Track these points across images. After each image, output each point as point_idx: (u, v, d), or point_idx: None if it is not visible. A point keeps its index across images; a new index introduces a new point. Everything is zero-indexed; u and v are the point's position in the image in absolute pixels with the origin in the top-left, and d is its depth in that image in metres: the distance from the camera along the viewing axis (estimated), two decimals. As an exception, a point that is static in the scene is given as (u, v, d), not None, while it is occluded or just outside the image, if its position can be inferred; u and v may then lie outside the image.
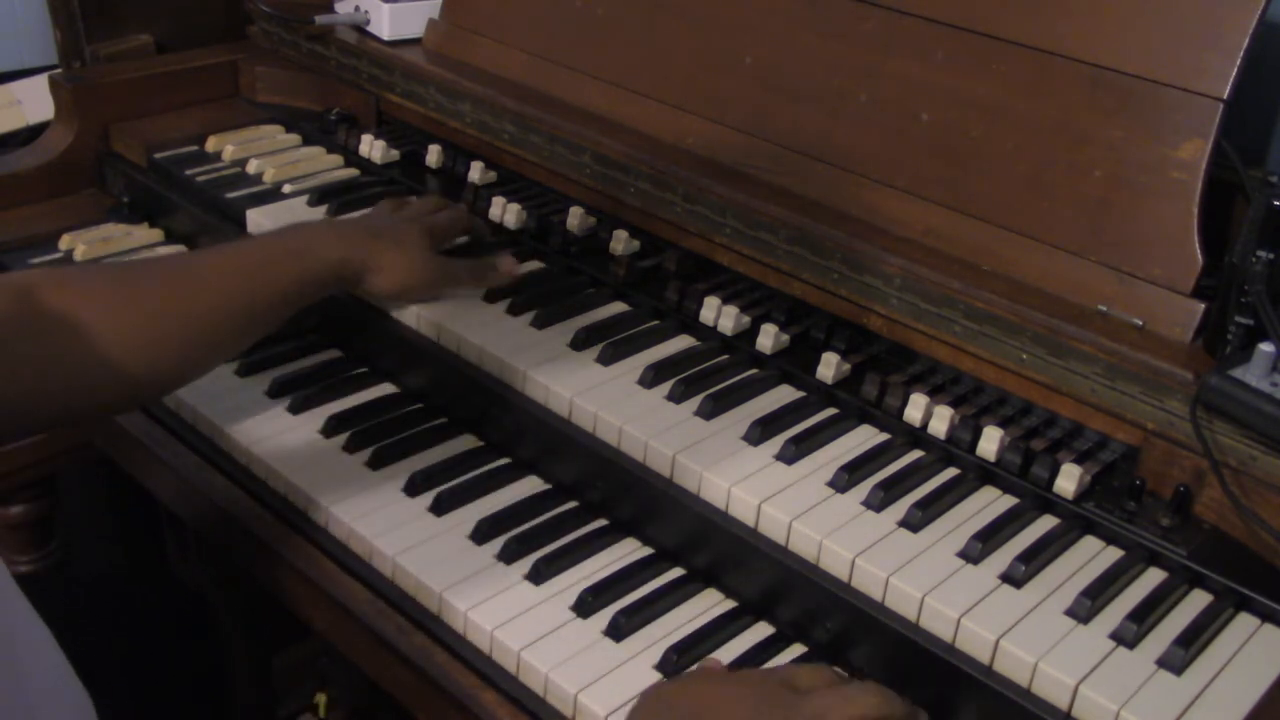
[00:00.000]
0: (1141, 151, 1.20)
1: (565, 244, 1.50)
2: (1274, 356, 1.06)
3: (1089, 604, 1.01)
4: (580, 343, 1.32)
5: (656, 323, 1.38)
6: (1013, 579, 1.05)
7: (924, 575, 1.04)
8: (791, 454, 1.17)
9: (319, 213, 1.57)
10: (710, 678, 0.99)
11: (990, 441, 1.17)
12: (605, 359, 1.30)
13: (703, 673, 1.01)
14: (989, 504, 1.14)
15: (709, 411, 1.22)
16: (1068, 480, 1.13)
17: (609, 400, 1.23)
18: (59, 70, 1.85)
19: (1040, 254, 1.24)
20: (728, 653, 1.08)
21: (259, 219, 1.56)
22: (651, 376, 1.27)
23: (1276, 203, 1.08)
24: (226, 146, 1.74)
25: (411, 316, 1.38)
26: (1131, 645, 0.99)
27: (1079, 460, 1.14)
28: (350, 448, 1.27)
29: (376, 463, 1.25)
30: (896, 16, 1.35)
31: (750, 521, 1.12)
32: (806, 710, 0.91)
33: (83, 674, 0.81)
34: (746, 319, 1.35)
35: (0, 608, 0.72)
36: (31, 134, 1.94)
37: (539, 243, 1.51)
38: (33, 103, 2.00)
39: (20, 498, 1.72)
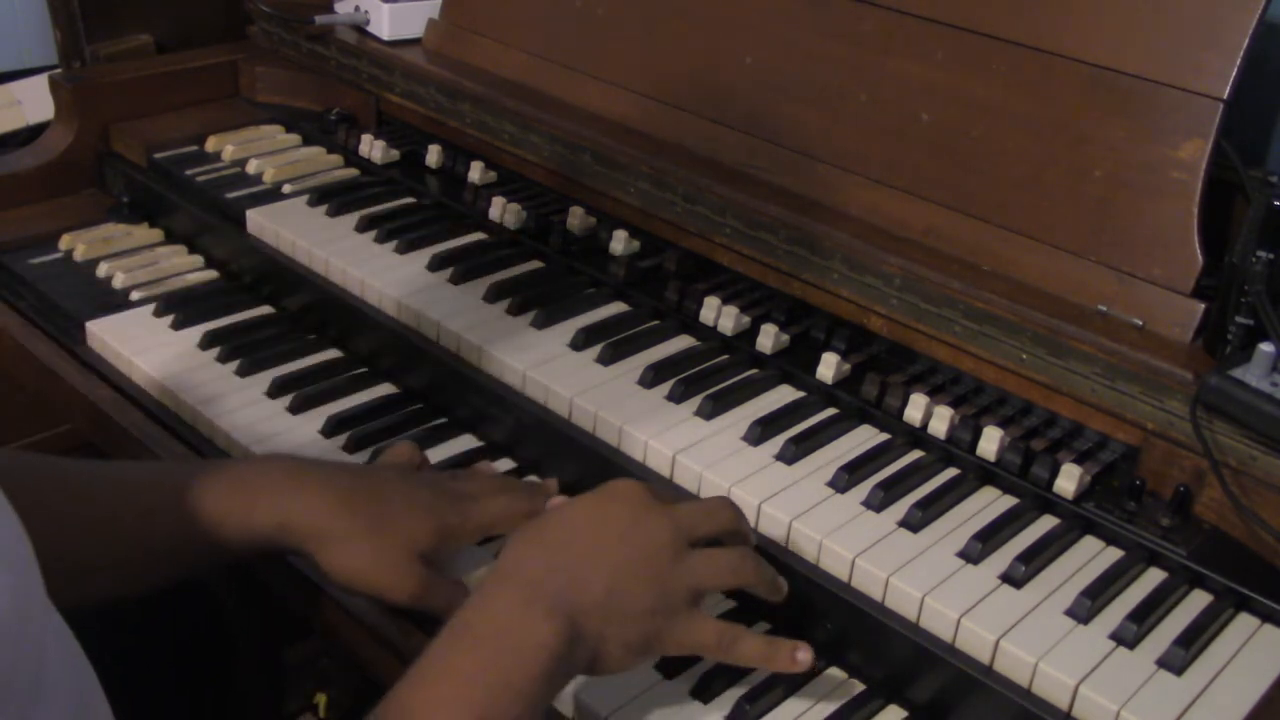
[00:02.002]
0: (1141, 151, 1.20)
1: (565, 244, 1.51)
2: (1274, 356, 1.06)
3: (1089, 604, 1.01)
4: (580, 343, 1.32)
5: (656, 323, 1.38)
6: (1013, 579, 1.05)
7: (924, 575, 1.04)
8: (791, 454, 1.17)
9: (319, 212, 1.57)
10: (588, 497, 1.00)
11: (990, 441, 1.17)
12: (605, 359, 1.30)
13: (583, 496, 1.01)
14: (989, 504, 1.14)
15: (709, 411, 1.22)
16: (1068, 480, 1.13)
17: (609, 400, 1.23)
18: (59, 70, 1.86)
19: (1040, 254, 1.24)
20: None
21: (259, 219, 1.56)
22: (651, 376, 1.27)
23: (1276, 203, 1.07)
24: (226, 146, 1.74)
25: (411, 316, 1.38)
26: (1131, 645, 0.99)
27: (1079, 460, 1.14)
28: (350, 448, 1.27)
29: (376, 463, 1.25)
30: (896, 16, 1.35)
31: (750, 521, 1.12)
32: (680, 519, 0.97)
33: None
34: (746, 319, 1.35)
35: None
36: (31, 134, 1.95)
37: (539, 243, 1.51)
38: (33, 103, 2.00)
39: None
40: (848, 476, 1.14)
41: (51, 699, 0.72)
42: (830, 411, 1.26)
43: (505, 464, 1.28)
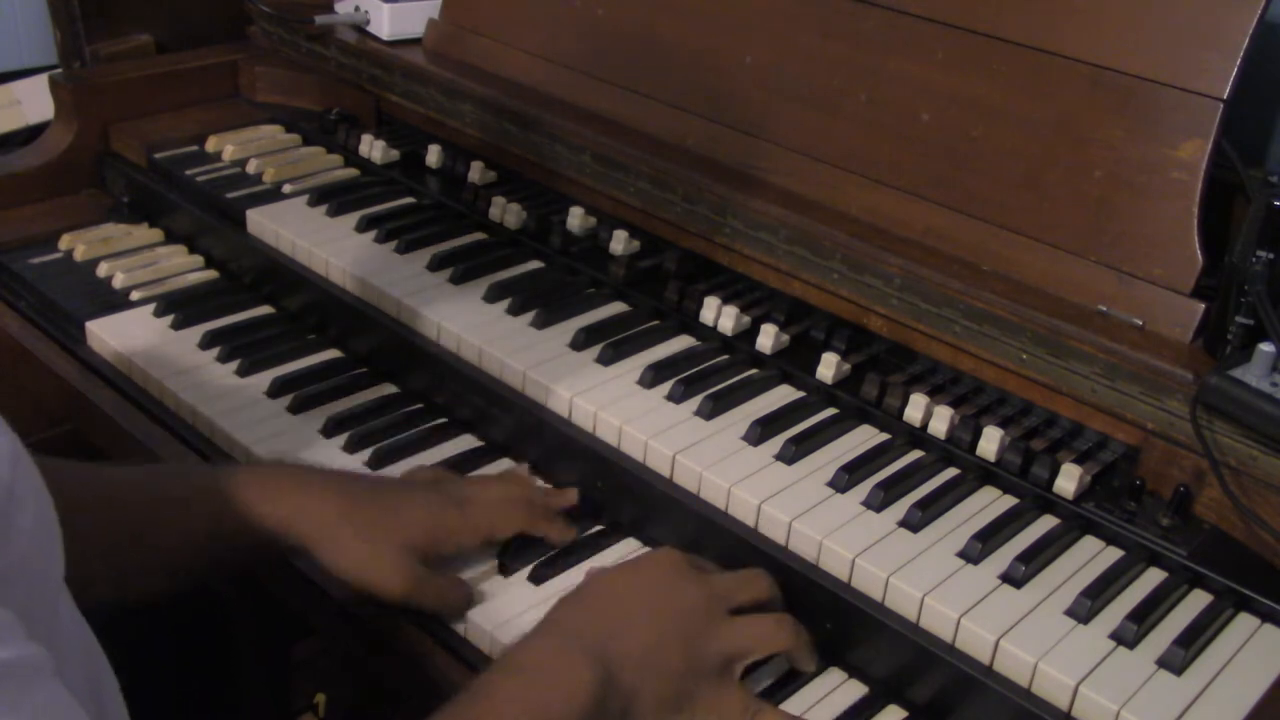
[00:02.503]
0: (1141, 151, 1.20)
1: (565, 244, 1.50)
2: (1274, 356, 1.06)
3: (1089, 604, 1.01)
4: (580, 343, 1.32)
5: (656, 323, 1.38)
6: (1013, 579, 1.05)
7: (924, 575, 1.04)
8: (791, 454, 1.17)
9: (319, 212, 1.57)
10: (631, 564, 1.05)
11: (990, 441, 1.17)
12: (605, 359, 1.30)
13: (626, 562, 1.07)
14: (989, 504, 1.14)
15: (709, 411, 1.22)
16: (1068, 480, 1.13)
17: (609, 400, 1.23)
18: (59, 70, 1.85)
19: (1040, 254, 1.24)
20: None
21: (259, 219, 1.56)
22: (651, 376, 1.27)
23: (1276, 203, 1.08)
24: (226, 146, 1.74)
25: (411, 317, 1.38)
26: (1131, 645, 0.99)
27: (1079, 460, 1.14)
28: (350, 448, 1.27)
29: (377, 463, 1.25)
30: (896, 16, 1.35)
31: (750, 521, 1.12)
32: (715, 587, 1.02)
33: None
34: (746, 319, 1.35)
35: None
36: (31, 134, 1.95)
37: (539, 243, 1.51)
38: (33, 103, 2.00)
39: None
40: (848, 476, 1.14)
41: (68, 659, 0.73)
42: (830, 411, 1.26)
43: (505, 464, 1.28)
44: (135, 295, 1.52)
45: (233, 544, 1.06)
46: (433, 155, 1.69)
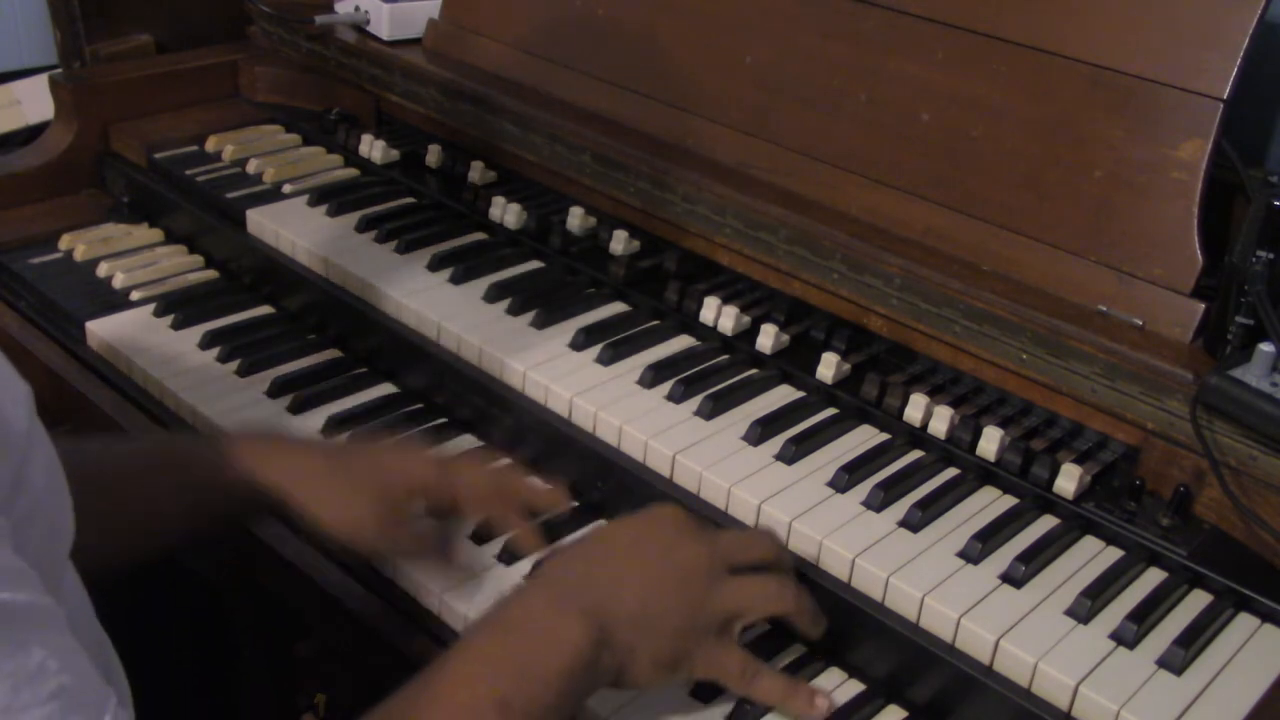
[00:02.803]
0: (1141, 151, 1.20)
1: (565, 244, 1.50)
2: (1274, 356, 1.06)
3: (1089, 604, 1.01)
4: (580, 343, 1.32)
5: (656, 323, 1.38)
6: (1013, 579, 1.05)
7: (924, 575, 1.04)
8: (791, 454, 1.17)
9: (319, 212, 1.57)
10: (633, 518, 1.03)
11: (990, 441, 1.17)
12: (605, 359, 1.30)
13: (629, 515, 1.04)
14: (989, 504, 1.14)
15: (709, 411, 1.22)
16: (1068, 480, 1.13)
17: (609, 400, 1.23)
18: (59, 70, 1.85)
19: (1040, 254, 1.24)
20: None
21: (259, 219, 1.56)
22: (651, 376, 1.27)
23: (1276, 203, 1.08)
24: (226, 146, 1.74)
25: (412, 316, 1.38)
26: (1131, 645, 0.99)
27: (1079, 460, 1.14)
28: (350, 448, 1.27)
29: (376, 463, 1.25)
30: (896, 16, 1.35)
31: (750, 521, 1.12)
32: (719, 546, 1.00)
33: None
34: (746, 319, 1.35)
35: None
36: (31, 134, 1.95)
37: (539, 243, 1.51)
38: (33, 103, 2.00)
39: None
40: (848, 476, 1.14)
41: (76, 624, 0.74)
42: (830, 411, 1.26)
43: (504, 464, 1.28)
44: (135, 295, 1.52)
45: (222, 501, 1.09)
46: (433, 155, 1.69)
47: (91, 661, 0.71)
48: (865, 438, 1.22)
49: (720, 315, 1.35)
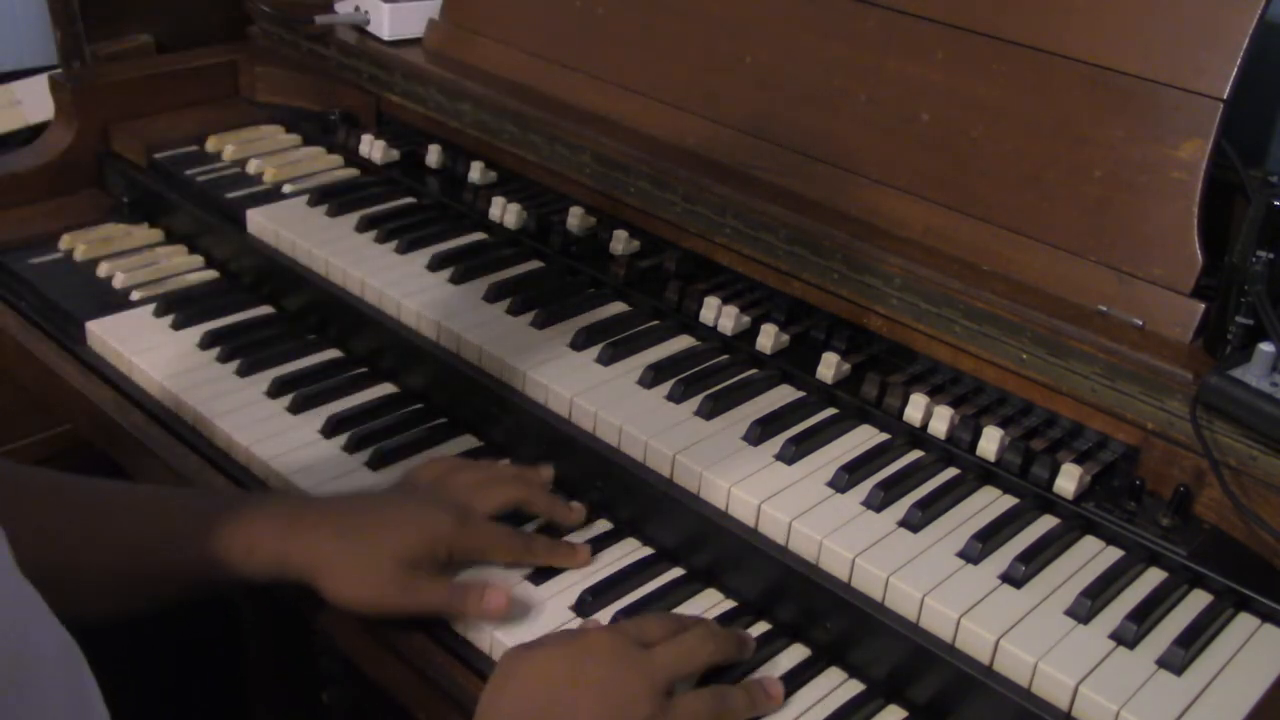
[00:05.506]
0: (1141, 151, 1.20)
1: (565, 244, 1.51)
2: (1274, 356, 1.06)
3: (1089, 604, 1.01)
4: (580, 343, 1.32)
5: (656, 323, 1.38)
6: (1013, 579, 1.05)
7: (924, 575, 1.04)
8: (791, 454, 1.17)
9: (319, 212, 1.57)
10: (564, 648, 0.97)
11: (990, 441, 1.17)
12: (605, 359, 1.30)
13: (557, 642, 0.99)
14: (989, 504, 1.14)
15: (709, 411, 1.22)
16: (1068, 480, 1.13)
17: (609, 400, 1.23)
18: (59, 70, 1.85)
19: (1040, 254, 1.24)
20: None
21: (259, 219, 1.56)
22: (651, 376, 1.27)
23: (1276, 203, 1.08)
24: (226, 146, 1.74)
25: (411, 316, 1.38)
26: (1131, 645, 0.99)
27: (1079, 460, 1.14)
28: (350, 448, 1.27)
29: (376, 463, 1.25)
30: (896, 16, 1.35)
31: (750, 521, 1.12)
32: (656, 670, 0.96)
33: (96, 669, 0.81)
34: (746, 319, 1.35)
35: None
36: (31, 134, 1.94)
37: (539, 243, 1.51)
38: (33, 103, 2.00)
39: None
40: (848, 476, 1.14)
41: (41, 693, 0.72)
42: (830, 411, 1.26)
43: (503, 464, 1.27)
44: (135, 295, 1.52)
45: (233, 579, 1.07)
46: (433, 155, 1.69)
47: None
48: (865, 438, 1.22)
49: (720, 315, 1.35)
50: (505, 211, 1.55)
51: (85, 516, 1.05)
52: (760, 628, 1.10)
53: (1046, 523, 1.12)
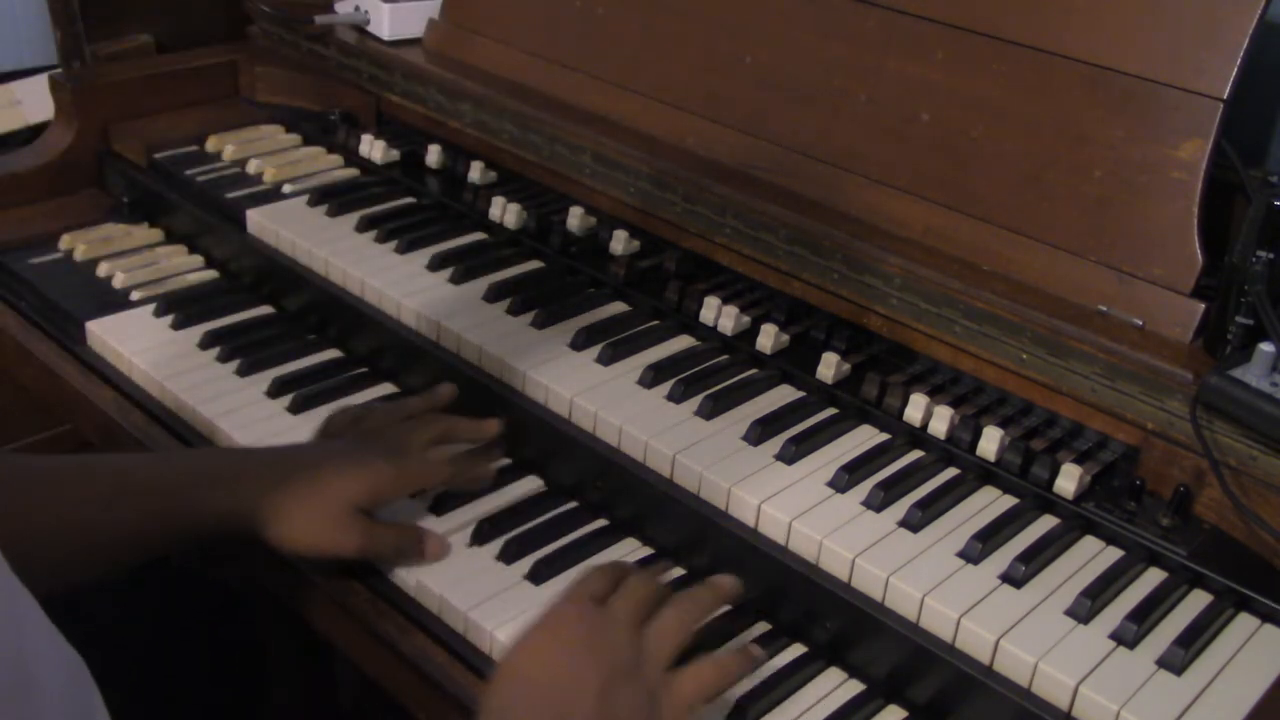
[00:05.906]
0: (1141, 151, 1.20)
1: (565, 244, 1.51)
2: (1274, 356, 1.06)
3: (1089, 604, 1.01)
4: (580, 343, 1.32)
5: (656, 323, 1.38)
6: (1013, 579, 1.05)
7: (924, 575, 1.04)
8: (791, 454, 1.17)
9: (319, 212, 1.57)
10: (543, 630, 0.97)
11: (990, 441, 1.17)
12: (605, 359, 1.30)
13: (537, 626, 0.98)
14: (989, 504, 1.14)
15: (709, 411, 1.22)
16: (1068, 480, 1.13)
17: (609, 400, 1.23)
18: (59, 70, 1.85)
19: (1040, 254, 1.24)
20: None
21: (259, 219, 1.56)
22: (651, 376, 1.27)
23: (1276, 203, 1.08)
24: (226, 146, 1.74)
25: (411, 316, 1.38)
26: (1131, 645, 0.99)
27: (1079, 460, 1.14)
28: (350, 448, 1.27)
29: (376, 463, 1.25)
30: (896, 16, 1.35)
31: (750, 521, 1.12)
32: (618, 612, 0.97)
33: (101, 673, 0.80)
34: (746, 319, 1.35)
35: None
36: (31, 134, 1.94)
37: (539, 243, 1.51)
38: (33, 103, 2.00)
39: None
40: (848, 476, 1.14)
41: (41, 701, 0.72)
42: (830, 411, 1.26)
43: (503, 465, 1.27)
44: (135, 295, 1.52)
45: (189, 532, 1.09)
46: (433, 155, 1.69)
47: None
48: (865, 438, 1.23)
49: (720, 315, 1.35)
50: (505, 211, 1.55)
51: (34, 488, 1.06)
52: (760, 628, 1.10)
53: (1046, 523, 1.12)
